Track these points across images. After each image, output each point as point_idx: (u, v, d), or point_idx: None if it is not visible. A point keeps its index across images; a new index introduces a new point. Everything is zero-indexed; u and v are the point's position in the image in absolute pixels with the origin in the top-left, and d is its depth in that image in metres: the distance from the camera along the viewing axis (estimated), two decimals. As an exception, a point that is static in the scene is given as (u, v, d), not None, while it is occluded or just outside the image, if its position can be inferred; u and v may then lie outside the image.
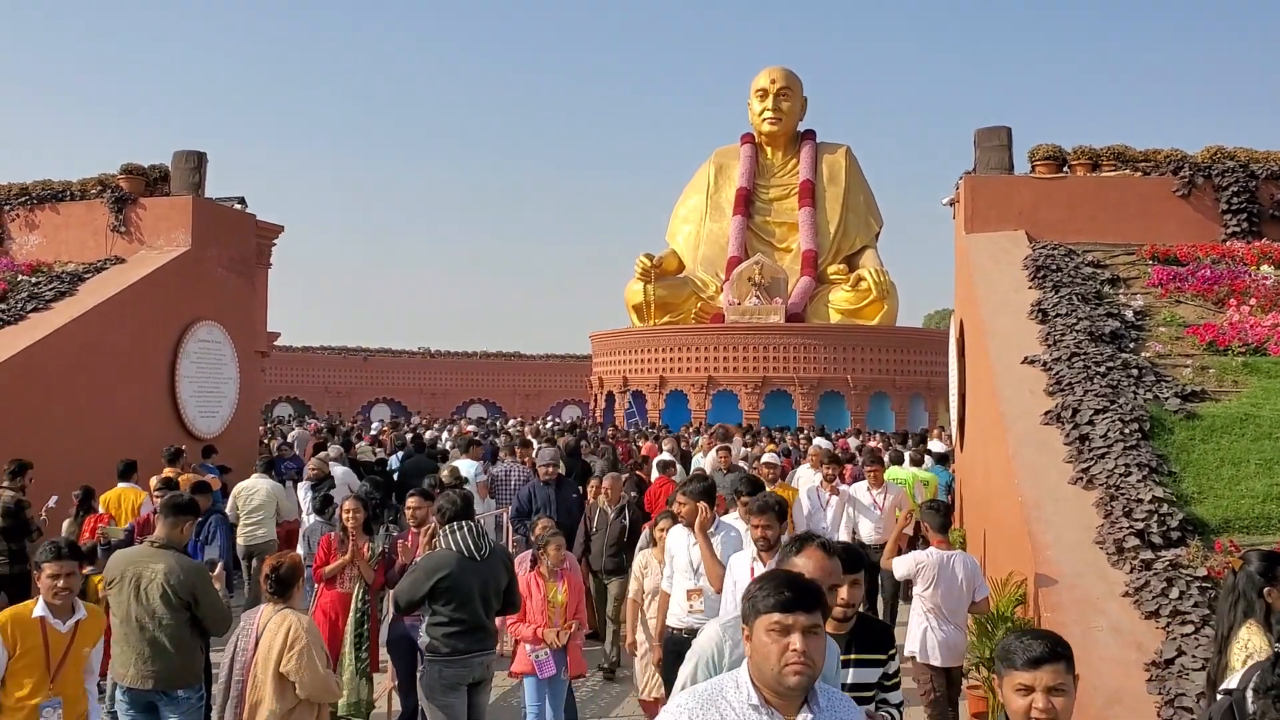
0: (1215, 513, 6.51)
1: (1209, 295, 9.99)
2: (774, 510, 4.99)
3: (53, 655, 4.48)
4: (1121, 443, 7.17)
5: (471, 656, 5.45)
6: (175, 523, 5.06)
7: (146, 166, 13.76)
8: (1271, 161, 11.99)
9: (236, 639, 4.62)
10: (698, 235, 33.57)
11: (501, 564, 5.72)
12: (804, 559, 3.28)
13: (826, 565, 3.28)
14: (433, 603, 5.39)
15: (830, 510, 9.59)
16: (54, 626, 4.51)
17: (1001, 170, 12.40)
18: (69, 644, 4.55)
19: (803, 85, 34.00)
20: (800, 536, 3.45)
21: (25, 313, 11.42)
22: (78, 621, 4.60)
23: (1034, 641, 2.59)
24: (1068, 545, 6.45)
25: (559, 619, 6.24)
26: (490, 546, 5.62)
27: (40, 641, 4.46)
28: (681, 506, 6.14)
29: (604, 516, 8.78)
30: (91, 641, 4.70)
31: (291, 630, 4.56)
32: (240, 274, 14.35)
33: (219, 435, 13.23)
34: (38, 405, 10.54)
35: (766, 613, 2.50)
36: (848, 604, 3.68)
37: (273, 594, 4.67)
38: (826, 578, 3.19)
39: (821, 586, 2.75)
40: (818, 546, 3.34)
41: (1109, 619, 5.70)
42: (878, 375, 30.42)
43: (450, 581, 5.34)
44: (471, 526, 5.59)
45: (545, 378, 51.36)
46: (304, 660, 4.50)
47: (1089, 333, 8.99)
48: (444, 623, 5.37)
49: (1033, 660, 2.54)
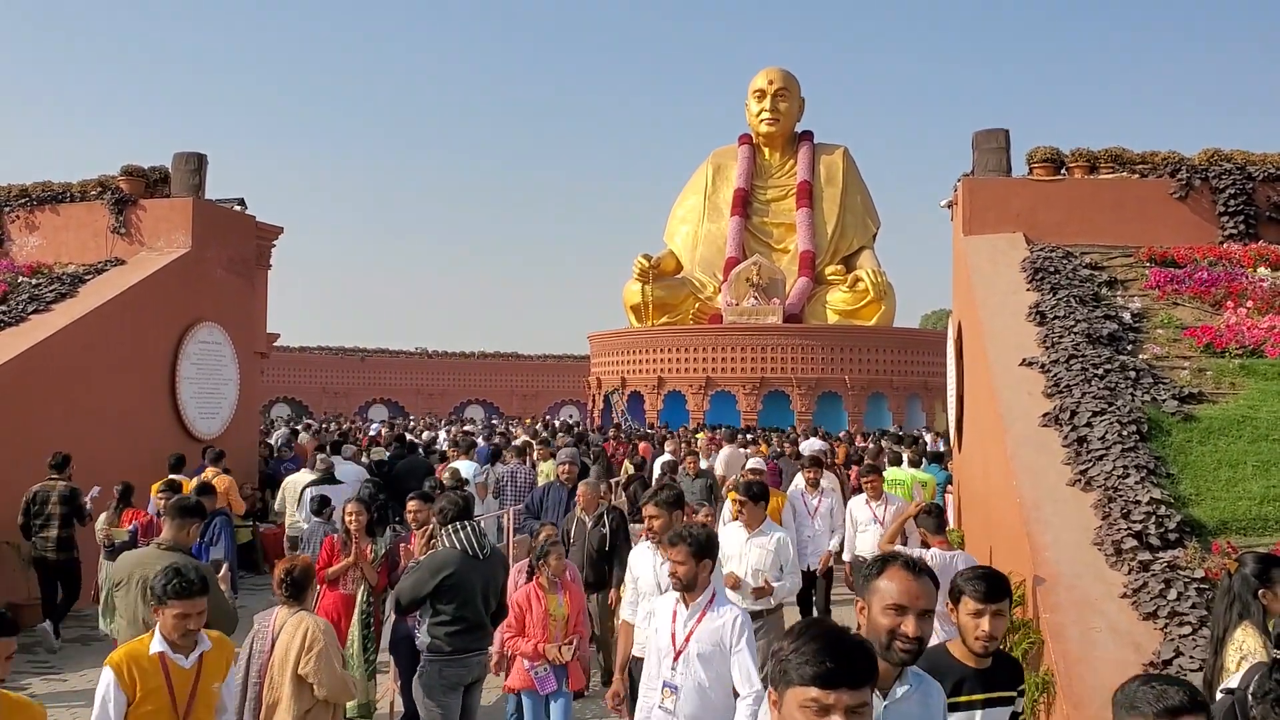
0: (1212, 514, 6.56)
1: (1206, 297, 10.04)
2: (688, 544, 4.38)
3: (178, 696, 3.92)
4: (1119, 444, 7.21)
5: (471, 655, 5.53)
6: (181, 525, 5.11)
7: (146, 168, 13.77)
8: (1268, 164, 12.04)
9: (252, 641, 4.67)
10: (695, 236, 33.62)
11: (500, 564, 5.86)
12: (886, 582, 2.81)
13: (914, 589, 2.79)
14: (436, 601, 5.43)
15: (819, 518, 9.27)
16: (176, 662, 3.94)
17: (999, 172, 12.45)
18: (195, 681, 3.99)
19: (800, 86, 34.07)
20: (882, 556, 2.95)
21: (26, 314, 11.42)
22: (202, 654, 4.03)
23: (1169, 689, 2.35)
24: (1066, 546, 6.49)
25: (560, 633, 5.92)
26: (490, 547, 5.72)
27: (163, 682, 3.91)
28: (654, 520, 5.57)
29: (581, 526, 8.00)
30: (220, 674, 4.13)
31: (309, 632, 4.62)
32: (240, 275, 14.37)
33: (219, 436, 13.25)
34: (39, 406, 10.56)
35: (802, 685, 2.03)
36: (990, 636, 3.35)
37: (288, 597, 4.74)
38: (915, 603, 2.76)
39: (874, 649, 2.29)
40: (902, 566, 2.83)
41: (1107, 620, 5.74)
42: (875, 376, 30.48)
43: (455, 580, 5.41)
44: (473, 526, 5.66)
45: (543, 378, 51.42)
46: (323, 661, 4.56)
47: (1087, 335, 9.03)
48: (446, 621, 5.41)
49: (1170, 711, 2.32)
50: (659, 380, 30.85)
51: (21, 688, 8.13)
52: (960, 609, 3.47)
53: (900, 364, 31.05)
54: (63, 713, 7.57)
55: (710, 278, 32.23)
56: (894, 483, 11.33)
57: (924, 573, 2.83)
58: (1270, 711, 3.00)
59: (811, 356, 29.89)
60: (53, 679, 8.43)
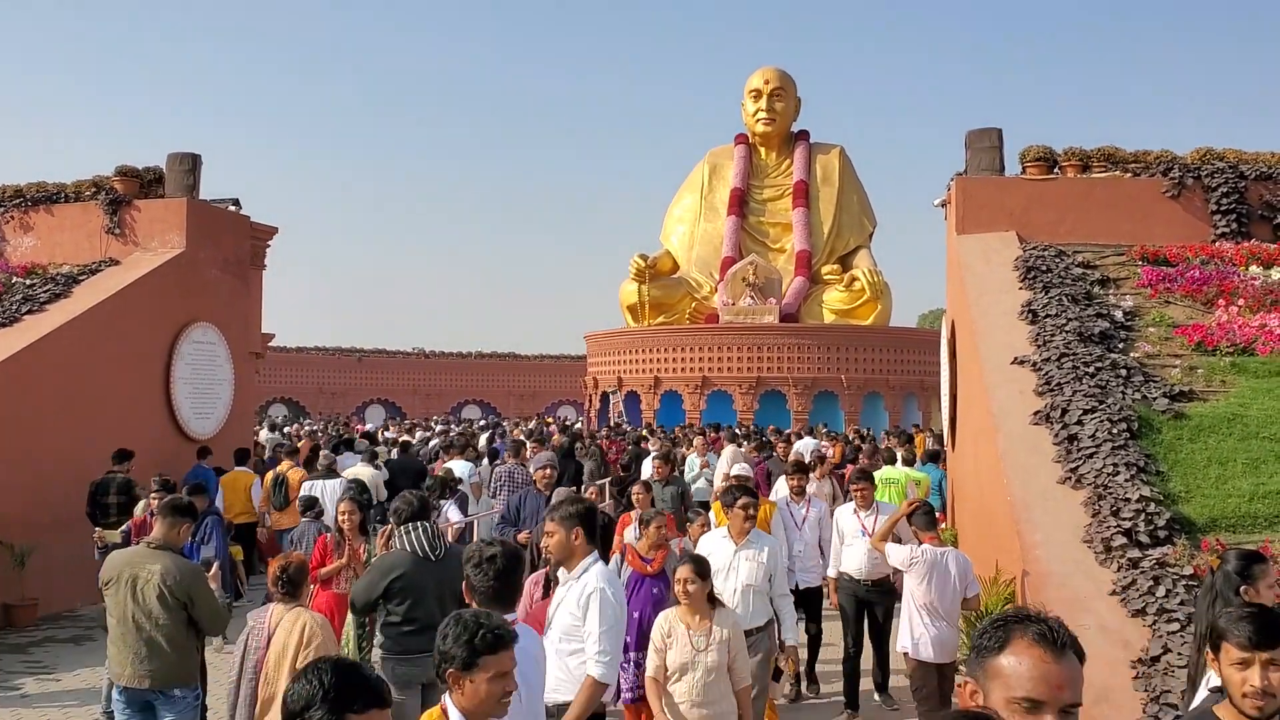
0: (1202, 512, 6.59)
1: (1198, 296, 10.07)
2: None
3: None
4: (1110, 442, 7.24)
5: (424, 655, 5.49)
6: (173, 524, 5.11)
7: (141, 168, 13.76)
8: (1260, 162, 12.09)
9: (247, 638, 4.68)
10: (692, 236, 33.61)
11: (459, 566, 5.68)
12: (1012, 660, 1.91)
13: (1055, 674, 1.87)
14: (386, 602, 5.48)
15: (807, 527, 8.23)
16: None
17: (992, 172, 12.48)
18: None
19: (796, 86, 34.07)
20: (1004, 620, 1.99)
21: (20, 315, 11.43)
22: None
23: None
24: (1056, 544, 6.52)
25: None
26: (445, 547, 5.68)
27: None
28: (549, 537, 4.53)
29: None
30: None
31: (307, 628, 4.66)
32: (235, 275, 14.37)
33: (213, 436, 13.26)
34: (33, 407, 10.57)
35: None
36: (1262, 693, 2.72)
37: (284, 594, 4.77)
38: (1056, 694, 1.85)
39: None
40: (1035, 639, 1.90)
41: (1096, 617, 5.77)
42: (871, 375, 30.48)
43: (404, 581, 5.43)
44: (426, 527, 5.67)
45: (540, 378, 51.44)
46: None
47: (1078, 333, 9.06)
48: (396, 622, 5.45)
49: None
50: (655, 380, 30.85)
51: (15, 688, 8.14)
52: (1222, 658, 2.88)
53: (896, 363, 31.06)
54: (55, 712, 7.58)
55: (707, 277, 32.22)
56: (889, 481, 11.34)
57: (1066, 646, 1.90)
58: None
59: (808, 356, 29.89)
60: (46, 679, 8.43)
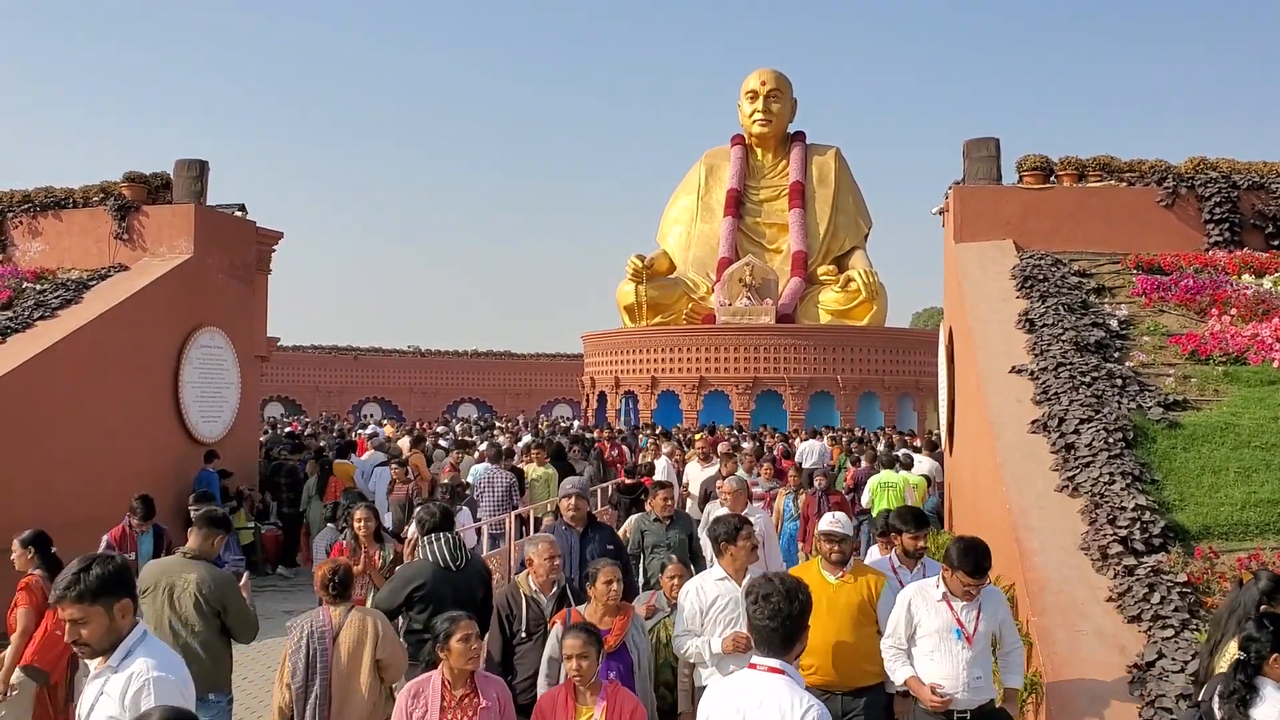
0: (1195, 520, 6.79)
1: (1192, 305, 10.27)
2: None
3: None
4: (1106, 451, 7.44)
5: None
6: (208, 535, 5.28)
7: (149, 174, 13.89)
8: (1253, 172, 12.29)
9: (305, 644, 4.80)
10: (688, 236, 33.78)
11: (478, 576, 5.96)
12: None
13: None
14: (408, 611, 5.66)
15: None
16: None
17: (990, 180, 12.67)
18: None
19: (793, 87, 34.24)
20: None
21: (32, 320, 11.57)
22: None
23: None
24: (1053, 551, 6.71)
25: None
26: (466, 558, 5.87)
27: None
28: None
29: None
30: None
31: (377, 622, 4.92)
32: (241, 280, 14.51)
33: (220, 440, 13.42)
34: (47, 410, 10.71)
35: None
36: None
37: (335, 596, 4.98)
38: None
39: None
40: None
41: (1093, 623, 5.96)
42: (867, 375, 30.70)
43: (425, 590, 5.61)
44: (449, 538, 5.85)
45: (536, 377, 51.59)
46: (397, 647, 4.92)
47: (1075, 342, 9.26)
48: (418, 630, 5.62)
49: None
50: (652, 380, 31.03)
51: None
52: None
53: (892, 363, 31.28)
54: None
55: (703, 278, 32.39)
56: (887, 485, 11.54)
57: None
58: (1235, 711, 3.21)
59: (804, 356, 30.09)
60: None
